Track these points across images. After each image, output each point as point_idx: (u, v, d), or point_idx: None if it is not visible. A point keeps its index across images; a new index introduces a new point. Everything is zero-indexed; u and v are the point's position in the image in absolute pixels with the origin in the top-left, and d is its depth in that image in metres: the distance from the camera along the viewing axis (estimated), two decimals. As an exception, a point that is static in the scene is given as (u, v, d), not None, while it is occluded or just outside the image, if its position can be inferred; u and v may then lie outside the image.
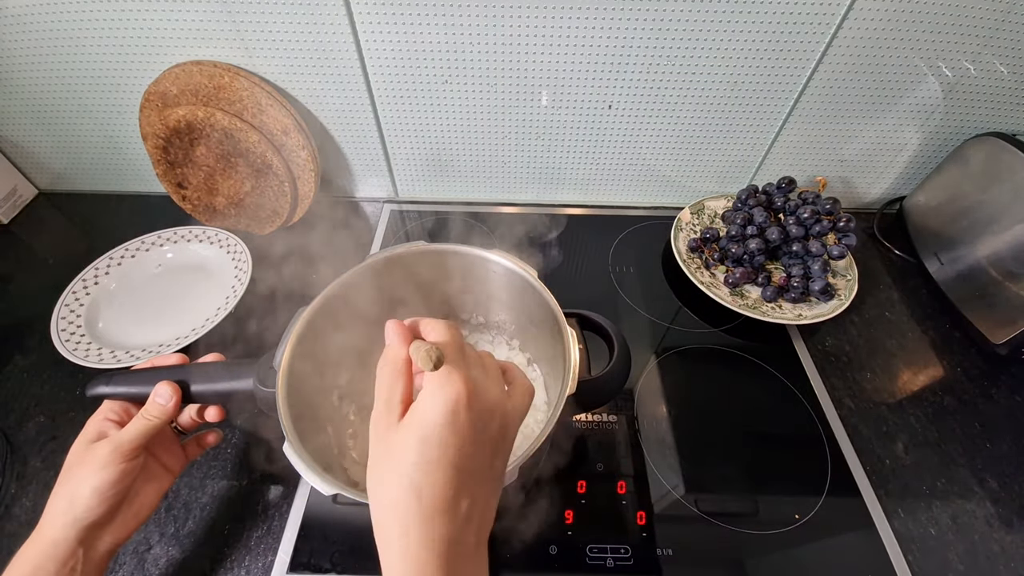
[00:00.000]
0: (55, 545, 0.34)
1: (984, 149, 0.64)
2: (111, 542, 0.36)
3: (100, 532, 0.36)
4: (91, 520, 0.35)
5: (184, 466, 0.43)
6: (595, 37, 0.58)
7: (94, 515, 0.35)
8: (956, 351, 0.61)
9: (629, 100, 0.65)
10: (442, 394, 0.25)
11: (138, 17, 0.58)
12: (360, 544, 0.45)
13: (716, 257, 0.66)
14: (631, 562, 0.44)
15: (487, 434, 0.27)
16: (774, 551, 0.45)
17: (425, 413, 0.25)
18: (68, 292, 0.62)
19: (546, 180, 0.76)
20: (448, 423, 0.25)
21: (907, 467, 0.51)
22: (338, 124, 0.69)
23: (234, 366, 0.41)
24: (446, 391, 0.25)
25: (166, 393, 0.39)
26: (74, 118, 0.70)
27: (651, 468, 0.50)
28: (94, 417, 0.39)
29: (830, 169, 0.73)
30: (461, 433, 0.25)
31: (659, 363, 0.59)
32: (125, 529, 0.37)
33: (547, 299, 0.44)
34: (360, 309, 0.47)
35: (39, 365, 0.58)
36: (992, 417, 0.55)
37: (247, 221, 0.71)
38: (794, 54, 0.59)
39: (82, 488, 0.35)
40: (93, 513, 0.35)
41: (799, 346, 0.61)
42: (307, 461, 0.35)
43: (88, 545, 0.35)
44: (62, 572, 0.33)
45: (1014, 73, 0.61)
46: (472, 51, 0.59)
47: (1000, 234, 0.59)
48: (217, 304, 0.61)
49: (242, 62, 0.62)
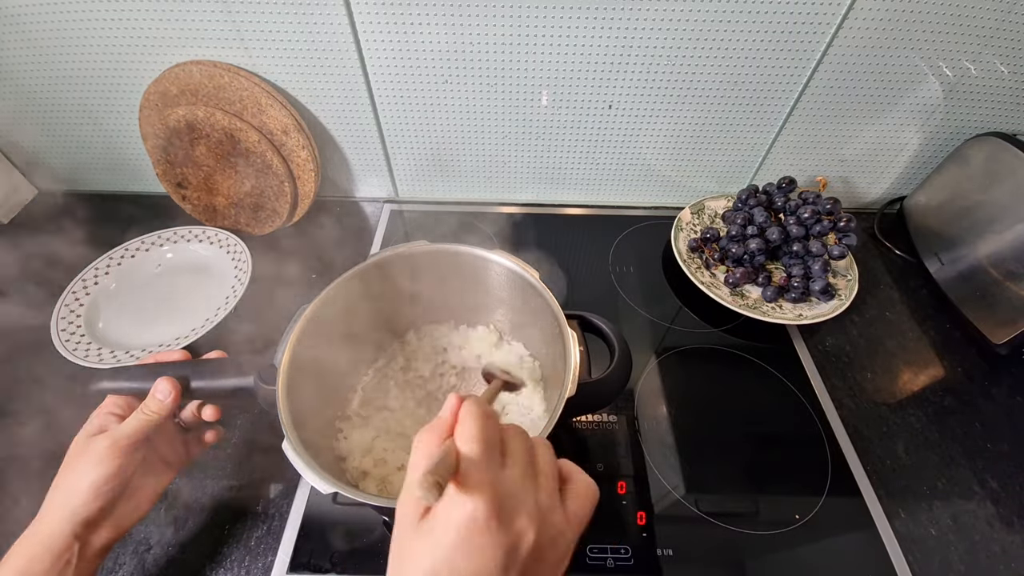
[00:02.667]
0: (51, 537, 0.34)
1: (985, 149, 0.63)
2: (107, 536, 0.36)
3: (96, 526, 0.36)
4: (87, 514, 0.35)
5: (186, 462, 0.43)
6: (595, 37, 0.58)
7: (90, 509, 0.35)
8: (956, 351, 0.61)
9: (629, 100, 0.65)
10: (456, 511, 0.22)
11: (138, 17, 0.58)
12: (360, 544, 0.45)
13: (716, 257, 0.66)
14: (631, 562, 0.44)
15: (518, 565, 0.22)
16: (774, 551, 0.45)
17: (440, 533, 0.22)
18: (68, 292, 0.62)
19: (546, 180, 0.76)
20: (462, 556, 0.22)
21: (908, 467, 0.51)
22: (338, 124, 0.69)
23: (235, 363, 0.41)
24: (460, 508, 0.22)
25: (165, 389, 0.39)
26: (74, 118, 0.70)
27: (651, 468, 0.50)
28: (98, 410, 0.39)
29: (830, 169, 0.73)
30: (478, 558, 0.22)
31: (659, 363, 0.59)
32: (123, 523, 0.37)
33: (548, 300, 0.44)
34: (360, 309, 0.47)
35: (39, 365, 0.57)
36: (993, 417, 0.55)
37: (247, 221, 0.71)
38: (794, 54, 0.59)
39: (80, 482, 0.35)
40: (89, 507, 0.35)
41: (799, 346, 0.61)
42: (306, 459, 0.35)
43: (84, 539, 0.35)
44: (57, 564, 0.33)
45: (1014, 73, 0.61)
46: (472, 51, 0.59)
47: (1001, 234, 0.59)
48: (217, 304, 0.61)
49: (242, 62, 0.62)
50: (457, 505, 0.22)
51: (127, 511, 0.37)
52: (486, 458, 0.24)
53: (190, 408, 0.43)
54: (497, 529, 0.22)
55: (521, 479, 0.24)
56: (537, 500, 0.24)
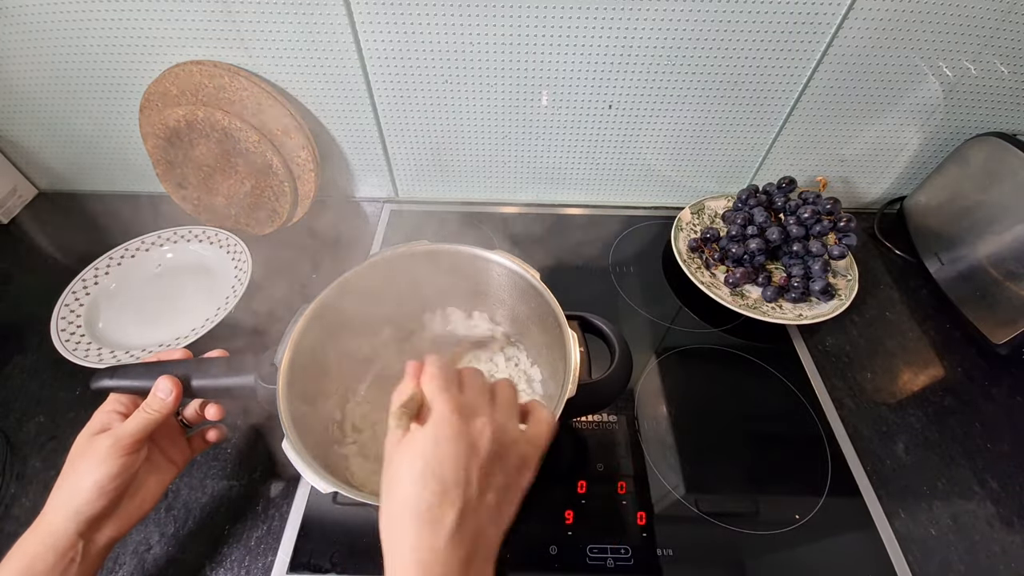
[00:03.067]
0: (55, 536, 0.34)
1: (985, 149, 0.63)
2: (111, 534, 0.36)
3: (100, 524, 0.36)
4: (91, 513, 0.35)
5: (189, 459, 0.43)
6: (595, 37, 0.58)
7: (94, 508, 0.35)
8: (956, 351, 0.61)
9: (629, 100, 0.64)
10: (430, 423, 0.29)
11: (138, 17, 0.58)
12: (360, 544, 0.45)
13: (716, 257, 0.66)
14: (631, 562, 0.44)
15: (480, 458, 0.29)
16: (774, 551, 0.45)
17: (416, 436, 0.29)
18: (68, 292, 0.62)
19: (546, 180, 0.76)
20: (432, 444, 0.28)
21: (907, 467, 0.51)
22: (338, 124, 0.69)
23: (236, 362, 0.41)
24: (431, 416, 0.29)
25: (166, 387, 0.39)
26: (74, 118, 0.70)
27: (651, 468, 0.50)
28: (101, 409, 0.39)
29: (830, 169, 0.73)
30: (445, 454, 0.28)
31: (659, 363, 0.59)
32: (127, 521, 0.37)
33: (548, 300, 0.44)
34: (360, 308, 0.47)
35: (39, 365, 0.57)
36: (993, 417, 0.55)
37: (247, 221, 0.71)
38: (794, 54, 0.59)
39: (83, 481, 0.35)
40: (93, 506, 0.35)
41: (799, 346, 0.61)
42: (306, 459, 0.35)
43: (88, 537, 0.35)
44: (61, 563, 0.34)
45: (1014, 73, 0.61)
46: (472, 51, 0.59)
47: (1001, 234, 0.59)
48: (217, 304, 0.61)
49: (242, 62, 0.62)
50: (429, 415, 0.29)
51: (131, 509, 0.38)
52: (445, 386, 0.30)
53: (192, 406, 0.43)
54: (459, 422, 0.29)
55: (477, 397, 0.31)
56: (492, 413, 0.31)
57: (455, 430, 0.28)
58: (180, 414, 0.43)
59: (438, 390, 0.30)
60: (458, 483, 0.27)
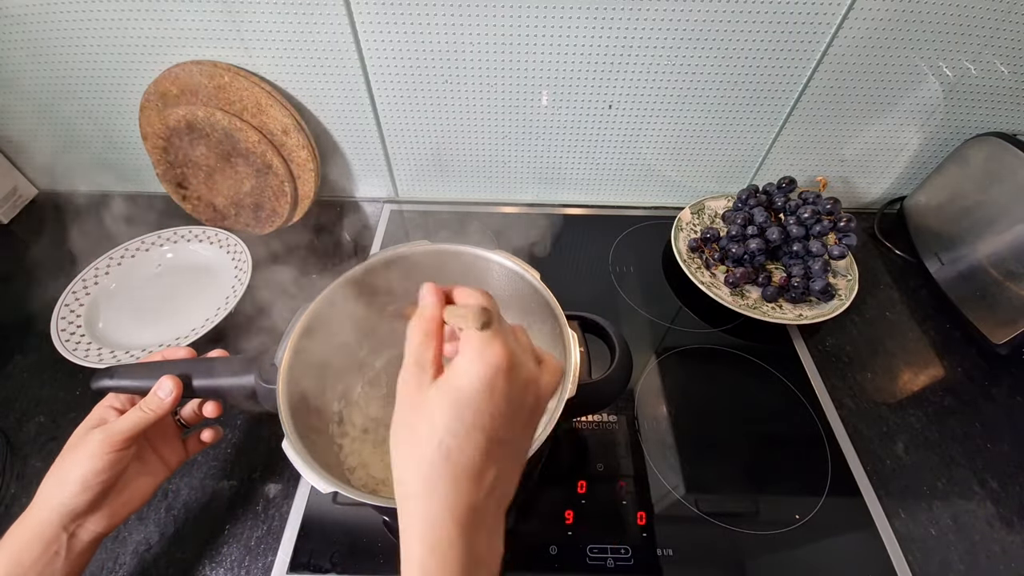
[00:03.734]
0: (40, 525, 0.34)
1: (985, 149, 0.63)
2: (95, 530, 0.36)
3: (84, 519, 0.36)
4: (75, 506, 0.35)
5: (183, 460, 0.43)
6: (595, 37, 0.58)
7: (77, 502, 0.35)
8: (956, 351, 0.61)
9: (629, 100, 0.65)
10: (482, 360, 0.25)
11: (138, 17, 0.58)
12: (360, 544, 0.45)
13: (716, 257, 0.66)
14: (631, 562, 0.44)
15: (521, 407, 0.26)
16: (774, 551, 0.45)
17: (462, 377, 0.25)
18: (68, 292, 0.62)
19: (546, 180, 0.76)
20: (486, 389, 0.24)
21: (908, 467, 0.51)
22: (338, 124, 0.69)
23: (236, 362, 0.41)
24: (487, 357, 0.25)
25: (168, 387, 0.39)
26: (74, 118, 0.70)
27: (651, 468, 0.50)
28: (100, 403, 0.40)
29: (830, 169, 0.73)
30: (497, 402, 0.25)
31: (659, 363, 0.59)
32: (112, 518, 0.37)
33: (549, 301, 0.43)
34: (360, 309, 0.47)
35: (39, 365, 0.57)
36: (993, 417, 0.55)
37: (247, 221, 0.71)
38: (794, 54, 0.59)
39: (70, 474, 0.35)
40: (76, 500, 0.35)
41: (799, 346, 0.61)
42: (306, 459, 0.35)
43: (71, 531, 0.35)
44: (46, 554, 0.34)
45: (1014, 73, 0.61)
46: (472, 51, 0.59)
47: (1001, 234, 0.59)
48: (217, 304, 0.61)
49: (242, 62, 0.62)
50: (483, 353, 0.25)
51: (117, 506, 0.38)
52: (500, 321, 0.26)
53: (191, 406, 0.43)
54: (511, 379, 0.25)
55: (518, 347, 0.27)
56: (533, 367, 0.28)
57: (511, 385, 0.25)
58: (178, 414, 0.43)
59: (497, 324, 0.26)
60: (503, 442, 0.25)
